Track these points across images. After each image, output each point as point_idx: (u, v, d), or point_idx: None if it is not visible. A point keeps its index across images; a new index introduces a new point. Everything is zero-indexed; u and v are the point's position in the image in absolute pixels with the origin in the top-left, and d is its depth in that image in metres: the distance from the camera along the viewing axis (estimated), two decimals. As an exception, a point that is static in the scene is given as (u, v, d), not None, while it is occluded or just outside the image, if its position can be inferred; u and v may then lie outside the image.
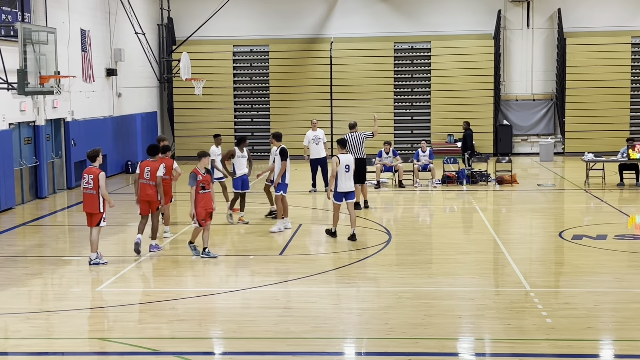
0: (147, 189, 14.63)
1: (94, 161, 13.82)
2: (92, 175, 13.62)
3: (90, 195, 13.65)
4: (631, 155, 22.38)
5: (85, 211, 13.80)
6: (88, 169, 13.80)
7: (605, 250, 14.39)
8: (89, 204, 13.70)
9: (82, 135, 24.58)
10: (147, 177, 14.65)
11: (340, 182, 15.27)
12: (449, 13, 32.69)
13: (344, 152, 15.62)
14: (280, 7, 33.03)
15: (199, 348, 9.54)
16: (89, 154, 13.97)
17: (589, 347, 9.38)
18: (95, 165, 13.81)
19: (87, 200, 13.71)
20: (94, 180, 13.56)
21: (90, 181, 13.60)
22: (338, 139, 16.19)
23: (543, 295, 11.44)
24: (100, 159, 13.89)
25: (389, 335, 9.73)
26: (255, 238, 16.01)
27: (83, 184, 13.74)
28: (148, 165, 14.72)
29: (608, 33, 32.19)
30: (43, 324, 10.52)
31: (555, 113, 33.01)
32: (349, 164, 15.32)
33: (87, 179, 13.64)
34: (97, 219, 13.69)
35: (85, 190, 13.70)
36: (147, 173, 14.65)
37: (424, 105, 32.89)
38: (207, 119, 32.61)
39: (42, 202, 21.67)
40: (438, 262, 14.00)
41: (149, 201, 14.70)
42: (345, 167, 15.25)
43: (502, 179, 23.77)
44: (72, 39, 23.89)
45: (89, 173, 13.69)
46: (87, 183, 13.64)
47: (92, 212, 13.67)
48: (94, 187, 13.57)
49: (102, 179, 13.54)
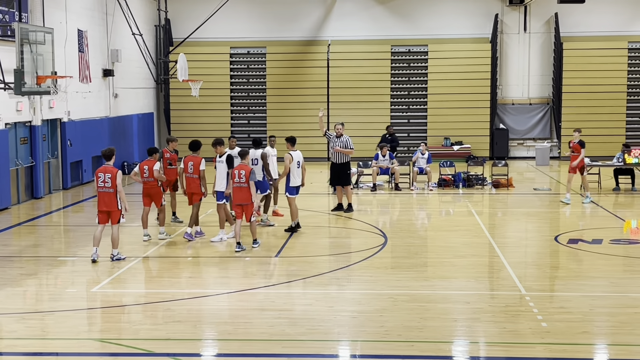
0: (191, 182, 15.79)
1: (110, 160, 13.96)
2: (109, 174, 13.71)
3: (107, 194, 13.73)
4: (627, 160, 22.41)
5: (103, 209, 13.82)
6: (104, 168, 13.85)
7: (601, 255, 14.40)
8: (107, 202, 13.77)
9: (79, 136, 24.55)
10: (190, 171, 15.76)
11: (293, 178, 16.67)
12: (446, 17, 32.74)
13: (293, 149, 16.84)
14: (277, 9, 33.05)
15: (193, 350, 9.53)
16: (104, 153, 14.06)
17: (584, 351, 9.39)
18: (111, 164, 13.91)
19: (105, 199, 13.77)
20: (112, 179, 13.67)
21: (108, 180, 13.68)
22: (287, 137, 17.12)
23: (538, 299, 11.45)
24: (114, 158, 14.09)
25: (385, 338, 9.72)
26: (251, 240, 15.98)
27: (98, 183, 13.77)
28: (191, 160, 15.76)
29: (604, 38, 32.28)
30: (38, 324, 10.49)
31: (551, 117, 33.06)
32: (299, 161, 16.84)
33: (104, 177, 13.71)
34: (116, 216, 13.84)
35: (101, 189, 13.75)
36: (191, 167, 15.74)
37: (420, 108, 32.93)
38: (204, 120, 32.63)
39: (38, 202, 21.63)
40: (434, 265, 14.01)
41: (192, 193, 15.87)
42: (297, 164, 16.71)
43: (498, 183, 23.80)
44: (69, 40, 23.87)
45: (106, 172, 13.76)
46: (103, 182, 13.71)
47: (111, 209, 13.78)
48: (112, 185, 13.67)
49: (119, 177, 13.71)
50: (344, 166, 19.20)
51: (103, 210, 13.83)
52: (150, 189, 15.77)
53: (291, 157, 16.66)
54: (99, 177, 13.79)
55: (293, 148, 16.87)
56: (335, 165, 19.32)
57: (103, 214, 13.86)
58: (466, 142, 32.06)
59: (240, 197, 14.74)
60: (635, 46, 32.28)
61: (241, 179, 14.68)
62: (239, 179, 14.70)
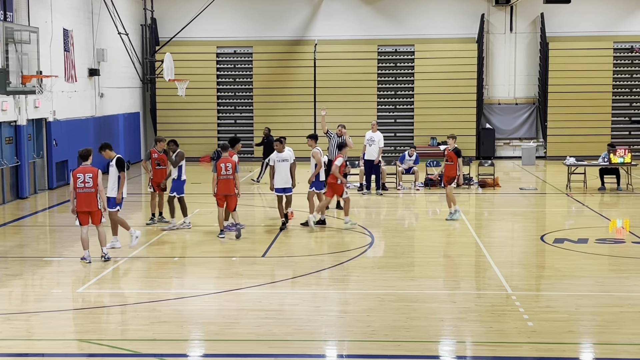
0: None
1: (87, 160, 13.80)
2: (90, 173, 13.56)
3: (88, 194, 13.56)
4: (612, 160, 22.52)
5: (84, 210, 13.62)
6: (83, 168, 13.67)
7: (587, 254, 14.46)
8: (88, 202, 13.59)
9: (64, 136, 24.43)
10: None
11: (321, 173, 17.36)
12: (433, 17, 32.79)
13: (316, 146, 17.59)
14: (264, 8, 33.00)
15: (180, 350, 9.50)
16: (82, 153, 13.91)
17: (569, 350, 9.43)
18: (89, 164, 13.77)
19: (86, 199, 13.58)
20: (94, 179, 13.54)
21: (89, 180, 13.52)
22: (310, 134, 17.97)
23: (524, 298, 11.48)
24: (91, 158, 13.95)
25: (371, 338, 9.73)
26: (237, 240, 15.96)
27: (78, 184, 13.54)
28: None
29: (590, 38, 32.43)
30: (23, 325, 10.43)
31: (537, 117, 33.19)
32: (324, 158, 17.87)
33: (84, 177, 13.53)
34: (98, 216, 13.73)
35: (81, 189, 13.55)
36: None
37: (407, 108, 32.97)
38: (190, 120, 32.55)
39: (23, 202, 21.51)
40: (420, 265, 14.03)
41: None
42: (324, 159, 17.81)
43: (484, 183, 23.86)
44: (54, 39, 23.74)
45: (86, 172, 13.58)
46: (83, 182, 13.53)
47: (92, 210, 13.64)
48: (93, 185, 13.54)
49: (100, 176, 13.67)
50: None
51: (84, 210, 13.63)
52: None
53: (319, 152, 17.41)
54: (78, 178, 13.54)
55: (316, 145, 17.57)
56: None
57: (84, 214, 13.68)
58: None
59: (225, 188, 15.70)
60: (620, 46, 32.45)
61: (227, 171, 15.66)
62: (225, 171, 15.63)
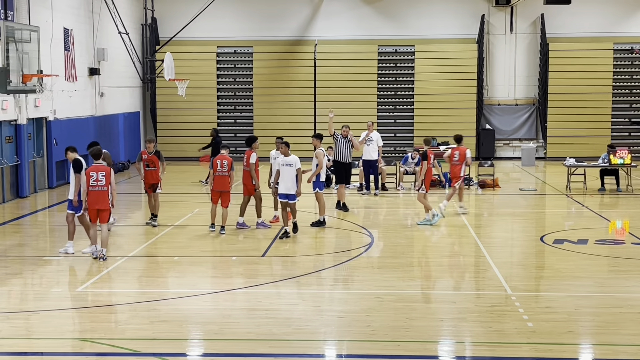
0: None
1: (98, 159, 13.98)
2: (103, 172, 13.75)
3: (101, 192, 13.73)
4: (612, 161, 22.52)
5: (96, 208, 13.78)
6: (96, 167, 13.85)
7: (586, 255, 14.47)
8: (101, 200, 13.76)
9: (64, 135, 24.40)
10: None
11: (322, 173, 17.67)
12: (433, 17, 32.79)
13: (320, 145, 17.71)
14: (264, 8, 33.00)
15: (179, 349, 9.51)
16: (93, 152, 14.08)
17: (569, 351, 9.43)
18: (101, 162, 13.94)
19: (99, 197, 13.75)
20: (106, 177, 13.72)
21: (102, 178, 13.71)
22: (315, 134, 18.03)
23: (524, 298, 11.49)
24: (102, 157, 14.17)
25: (371, 338, 9.73)
26: (237, 239, 15.98)
27: (90, 182, 13.71)
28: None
29: (590, 39, 32.42)
30: (23, 324, 10.44)
31: (537, 118, 33.18)
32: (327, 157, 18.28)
33: (97, 176, 13.71)
34: (107, 215, 13.89)
35: (94, 187, 13.72)
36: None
37: (407, 108, 32.95)
38: (190, 119, 32.53)
39: (23, 201, 21.51)
40: (420, 265, 14.04)
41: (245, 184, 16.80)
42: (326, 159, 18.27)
43: (484, 183, 23.87)
44: (55, 38, 23.74)
45: (99, 170, 13.77)
46: (96, 180, 13.70)
47: (103, 207, 13.80)
48: (105, 183, 13.71)
49: (112, 175, 13.85)
50: (350, 165, 20.28)
51: (94, 208, 13.80)
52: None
53: (323, 152, 17.63)
54: (91, 176, 13.74)
55: (320, 144, 17.65)
56: (344, 164, 20.00)
57: (94, 212, 13.84)
58: (452, 142, 32.05)
59: (220, 185, 16.21)
60: (620, 47, 32.44)
61: (223, 168, 16.19)
62: (221, 168, 16.18)
